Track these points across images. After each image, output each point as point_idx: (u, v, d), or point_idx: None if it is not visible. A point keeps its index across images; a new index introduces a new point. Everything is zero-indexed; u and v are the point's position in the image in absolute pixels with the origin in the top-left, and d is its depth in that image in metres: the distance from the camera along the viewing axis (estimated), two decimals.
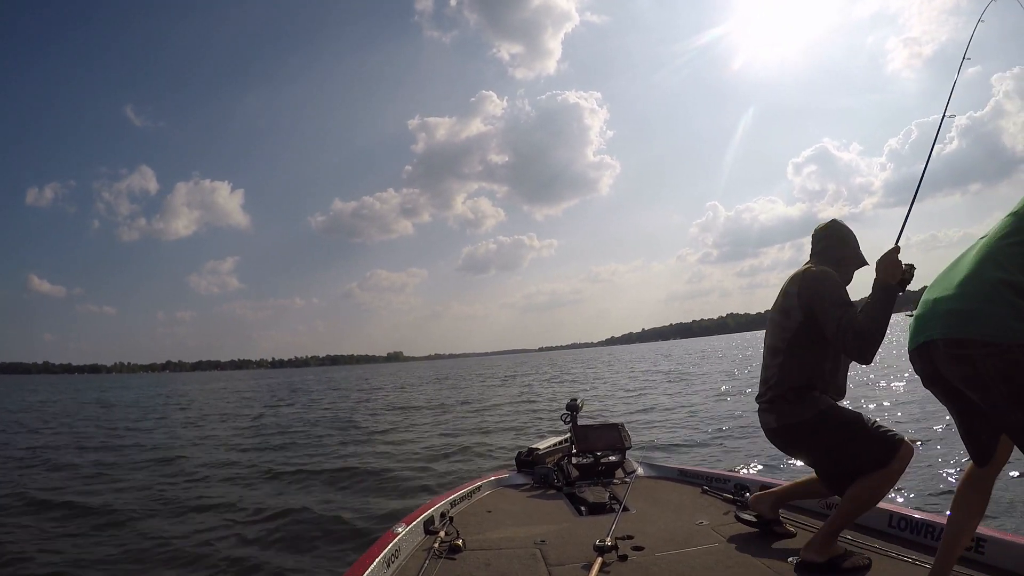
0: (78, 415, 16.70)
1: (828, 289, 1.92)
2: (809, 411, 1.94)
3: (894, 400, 9.17)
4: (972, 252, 1.42)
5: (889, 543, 2.00)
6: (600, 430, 3.43)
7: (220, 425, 12.57)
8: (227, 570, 3.51)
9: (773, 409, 2.03)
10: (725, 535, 2.20)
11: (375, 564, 1.79)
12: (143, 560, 3.74)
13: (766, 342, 2.14)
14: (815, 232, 2.18)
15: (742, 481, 2.76)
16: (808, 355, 1.97)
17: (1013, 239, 1.34)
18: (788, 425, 2.00)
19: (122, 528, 4.42)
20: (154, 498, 5.41)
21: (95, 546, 4.03)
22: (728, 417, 9.06)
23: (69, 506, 5.14)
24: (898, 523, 2.09)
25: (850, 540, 2.02)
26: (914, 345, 1.45)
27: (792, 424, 1.98)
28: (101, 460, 7.97)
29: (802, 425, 1.96)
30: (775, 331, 2.07)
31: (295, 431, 10.72)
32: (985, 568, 1.75)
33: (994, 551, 1.77)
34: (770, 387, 2.05)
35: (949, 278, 1.43)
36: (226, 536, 4.16)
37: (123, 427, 12.66)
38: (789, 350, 2.00)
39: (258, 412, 15.36)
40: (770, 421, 2.05)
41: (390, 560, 1.92)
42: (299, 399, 20.64)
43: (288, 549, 3.86)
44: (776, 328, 2.07)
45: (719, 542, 2.14)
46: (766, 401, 2.07)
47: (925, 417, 7.12)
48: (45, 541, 4.16)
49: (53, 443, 10.04)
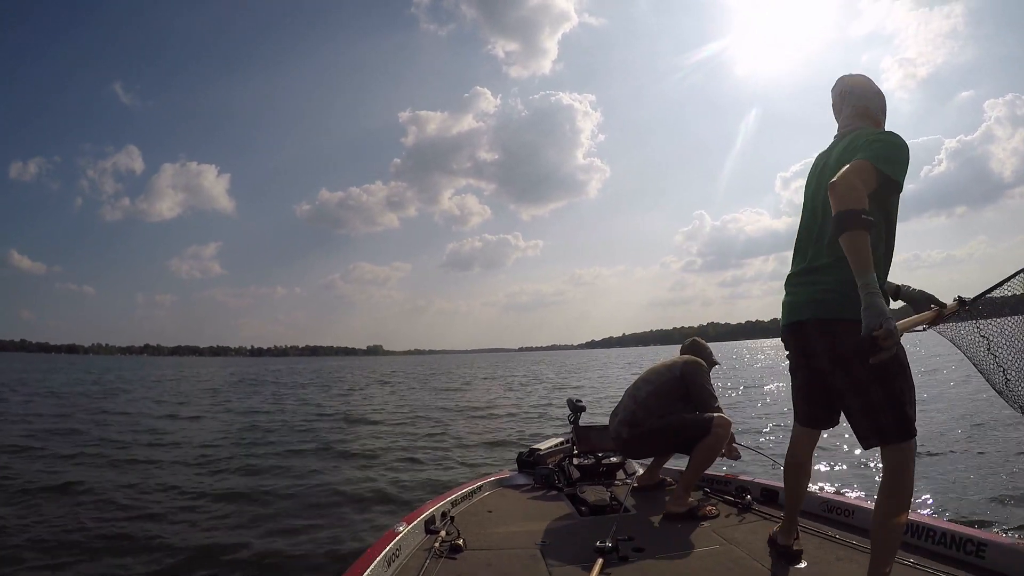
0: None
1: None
2: (658, 422, 2.76)
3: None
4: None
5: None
6: (601, 431, 3.42)
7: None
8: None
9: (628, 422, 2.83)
10: (726, 537, 2.23)
11: (376, 563, 1.79)
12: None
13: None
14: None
15: (743, 483, 2.81)
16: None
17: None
18: (639, 433, 2.80)
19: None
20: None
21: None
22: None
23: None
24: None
25: (847, 545, 2.03)
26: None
27: (643, 431, 2.79)
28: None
29: (651, 432, 2.77)
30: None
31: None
32: (985, 572, 1.77)
33: (995, 555, 1.79)
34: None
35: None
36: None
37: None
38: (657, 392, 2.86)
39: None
40: (622, 432, 2.85)
41: (391, 559, 1.91)
42: (258, 394, 18.03)
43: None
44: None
45: (720, 544, 2.16)
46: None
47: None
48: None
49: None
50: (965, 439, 6.35)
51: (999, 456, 5.43)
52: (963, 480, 4.66)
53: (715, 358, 3.02)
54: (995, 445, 5.95)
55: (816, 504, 2.44)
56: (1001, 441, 6.06)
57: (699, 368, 2.86)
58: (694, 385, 2.79)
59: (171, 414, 11.69)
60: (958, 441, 6.26)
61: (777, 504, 2.58)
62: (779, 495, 2.61)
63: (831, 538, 2.11)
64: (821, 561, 1.92)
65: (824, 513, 2.38)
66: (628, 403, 2.90)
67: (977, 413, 7.90)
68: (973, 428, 7.05)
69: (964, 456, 5.50)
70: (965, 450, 5.76)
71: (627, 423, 2.84)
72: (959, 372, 13.08)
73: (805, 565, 1.90)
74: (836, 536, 2.12)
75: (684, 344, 3.13)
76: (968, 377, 13.52)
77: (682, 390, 2.81)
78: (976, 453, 5.75)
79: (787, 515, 2.01)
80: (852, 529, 2.18)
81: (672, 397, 2.81)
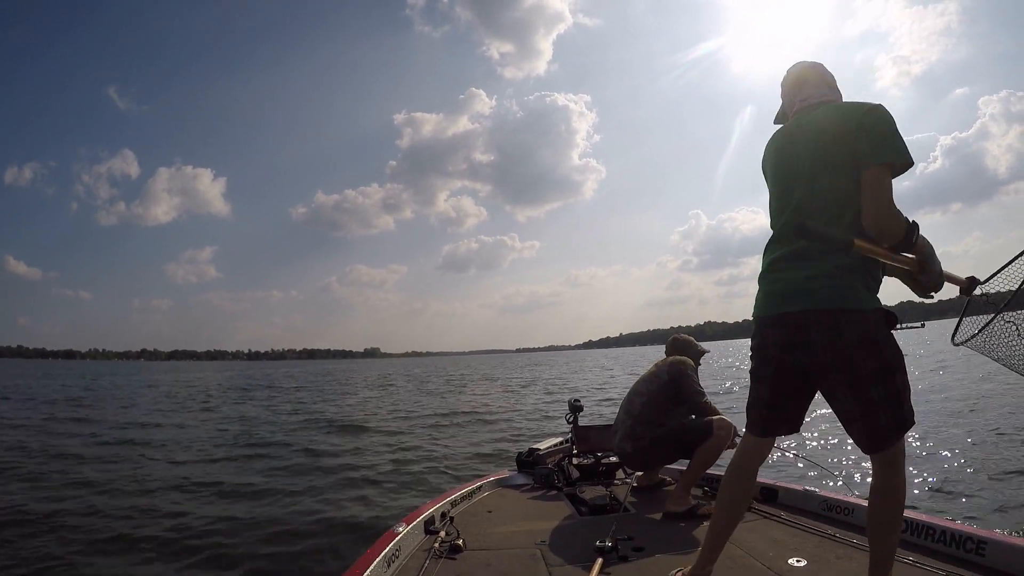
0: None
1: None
2: (659, 431, 2.79)
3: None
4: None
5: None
6: (601, 431, 3.42)
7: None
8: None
9: (632, 436, 2.84)
10: None
11: (375, 563, 1.78)
12: None
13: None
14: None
15: None
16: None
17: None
18: (642, 446, 2.82)
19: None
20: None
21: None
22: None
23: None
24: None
25: (847, 543, 2.03)
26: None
27: (646, 443, 2.81)
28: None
29: (653, 441, 2.79)
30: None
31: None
32: (985, 570, 1.77)
33: (994, 552, 1.79)
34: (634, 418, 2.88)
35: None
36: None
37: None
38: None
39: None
40: (625, 448, 2.88)
41: (391, 560, 1.90)
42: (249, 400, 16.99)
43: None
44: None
45: None
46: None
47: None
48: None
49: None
50: (964, 435, 6.37)
51: (997, 453, 5.45)
52: (963, 477, 4.68)
53: (700, 347, 3.04)
54: (995, 442, 5.97)
55: (815, 503, 2.44)
56: (1000, 442, 6.08)
57: (684, 368, 2.88)
58: (683, 388, 2.82)
59: (154, 423, 10.99)
60: (957, 438, 6.28)
61: (777, 503, 2.58)
62: (778, 494, 2.62)
63: (831, 537, 2.11)
64: (820, 560, 1.92)
65: (824, 512, 2.38)
66: (624, 419, 2.92)
67: (975, 409, 7.94)
68: (972, 423, 7.08)
69: (963, 453, 5.51)
70: (964, 447, 5.78)
71: (628, 438, 2.85)
72: (959, 367, 13.10)
73: (805, 564, 1.89)
74: (836, 535, 2.12)
75: (667, 344, 3.15)
76: (969, 368, 13.60)
77: (674, 391, 2.84)
78: (972, 445, 5.78)
79: (712, 542, 1.66)
80: (852, 528, 2.18)
81: (666, 402, 2.84)
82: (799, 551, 1.99)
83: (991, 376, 11.63)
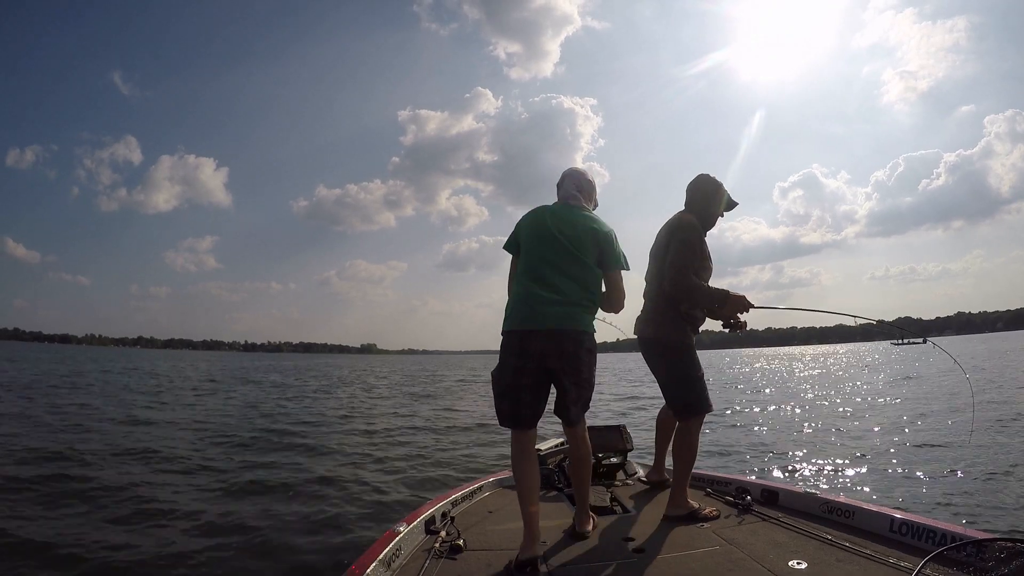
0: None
1: (685, 234, 2.47)
2: (677, 336, 2.52)
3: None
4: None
5: (889, 547, 2.02)
6: (601, 432, 3.39)
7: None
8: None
9: (652, 321, 2.58)
10: (726, 538, 2.21)
11: (375, 563, 1.79)
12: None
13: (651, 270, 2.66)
14: (689, 184, 2.67)
15: (744, 484, 2.80)
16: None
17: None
18: (659, 339, 2.55)
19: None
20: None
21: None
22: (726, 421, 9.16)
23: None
24: (899, 528, 2.11)
25: (847, 546, 2.03)
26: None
27: (662, 340, 2.54)
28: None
29: (669, 345, 2.54)
30: (657, 261, 2.58)
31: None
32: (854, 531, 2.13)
33: (861, 518, 2.18)
34: (651, 300, 2.62)
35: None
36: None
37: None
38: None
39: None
40: (647, 331, 2.60)
41: (391, 560, 1.90)
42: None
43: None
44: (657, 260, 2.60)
45: (720, 545, 2.14)
46: (648, 312, 2.62)
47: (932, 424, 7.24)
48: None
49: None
50: (964, 434, 6.37)
51: (997, 456, 5.46)
52: (963, 478, 4.66)
53: (718, 205, 2.61)
54: (995, 446, 5.99)
55: (816, 505, 2.43)
56: (1001, 444, 6.09)
57: (684, 228, 2.50)
58: (671, 248, 2.47)
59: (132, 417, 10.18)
60: (958, 438, 6.27)
61: (777, 505, 2.57)
62: (779, 496, 2.61)
63: (831, 540, 2.10)
64: (821, 562, 1.91)
65: (824, 514, 2.38)
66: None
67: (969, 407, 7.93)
68: (969, 423, 7.09)
69: (963, 453, 5.50)
70: (964, 448, 5.77)
71: (648, 312, 2.62)
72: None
73: (806, 566, 1.88)
74: (837, 538, 2.11)
75: (689, 184, 2.69)
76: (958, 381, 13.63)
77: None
78: (976, 446, 5.77)
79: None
80: (853, 530, 2.17)
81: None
82: (800, 553, 1.98)
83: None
